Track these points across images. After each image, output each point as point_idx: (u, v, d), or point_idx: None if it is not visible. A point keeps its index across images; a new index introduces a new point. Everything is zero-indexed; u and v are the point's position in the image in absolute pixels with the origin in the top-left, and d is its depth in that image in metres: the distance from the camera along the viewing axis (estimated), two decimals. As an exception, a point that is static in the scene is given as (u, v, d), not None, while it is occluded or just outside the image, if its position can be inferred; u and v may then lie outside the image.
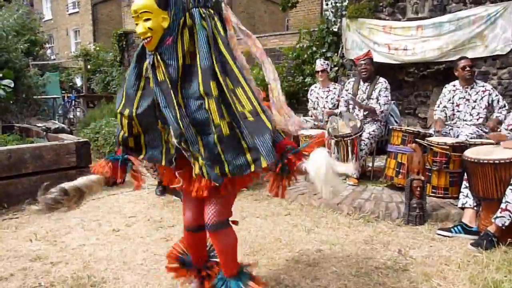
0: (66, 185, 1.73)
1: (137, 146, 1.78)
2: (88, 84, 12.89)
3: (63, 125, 6.65)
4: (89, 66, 13.18)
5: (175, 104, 1.51)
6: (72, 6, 22.95)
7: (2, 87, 5.44)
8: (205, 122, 1.51)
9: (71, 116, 10.54)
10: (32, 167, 3.88)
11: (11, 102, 7.11)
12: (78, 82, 13.09)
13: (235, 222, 1.87)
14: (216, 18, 1.56)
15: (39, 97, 9.32)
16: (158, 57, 1.51)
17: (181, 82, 1.54)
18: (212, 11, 1.56)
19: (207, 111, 1.50)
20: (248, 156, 1.52)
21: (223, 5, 1.63)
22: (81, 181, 1.82)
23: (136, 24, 1.50)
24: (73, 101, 10.84)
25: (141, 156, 1.78)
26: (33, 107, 8.95)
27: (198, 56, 1.50)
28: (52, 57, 18.34)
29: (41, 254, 2.67)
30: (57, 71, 13.07)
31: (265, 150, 1.48)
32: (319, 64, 5.11)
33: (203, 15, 1.52)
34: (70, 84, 13.53)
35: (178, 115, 1.50)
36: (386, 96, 4.31)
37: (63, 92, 11.89)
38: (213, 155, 1.51)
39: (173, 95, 1.51)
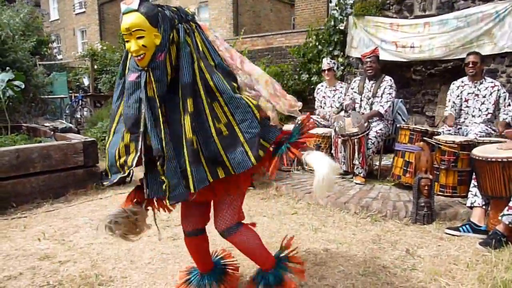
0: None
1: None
2: (95, 84, 12.95)
3: (70, 125, 6.69)
4: (96, 66, 13.24)
5: (161, 122, 1.55)
6: (79, 6, 23.10)
7: (12, 87, 5.48)
8: (180, 136, 1.56)
9: (78, 116, 10.59)
10: (40, 167, 3.91)
11: (19, 102, 7.17)
12: (85, 81, 13.14)
13: (254, 224, 1.98)
14: (196, 32, 1.62)
15: (46, 96, 9.40)
16: (151, 73, 1.53)
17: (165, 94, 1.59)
18: (193, 25, 1.63)
19: (182, 126, 1.55)
20: (206, 168, 1.58)
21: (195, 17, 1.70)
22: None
23: (127, 41, 1.52)
24: (80, 101, 10.89)
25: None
26: (40, 106, 9.03)
27: (180, 72, 1.55)
28: (59, 57, 18.45)
29: (50, 253, 2.69)
30: (64, 71, 13.13)
31: (234, 163, 1.58)
32: (326, 63, 5.08)
33: (187, 31, 1.59)
34: (77, 83, 13.60)
35: (163, 135, 1.54)
36: (389, 94, 4.28)
37: (70, 91, 11.96)
38: (183, 170, 1.56)
39: (160, 113, 1.55)
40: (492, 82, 3.89)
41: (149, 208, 1.87)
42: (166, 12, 1.55)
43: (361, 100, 4.48)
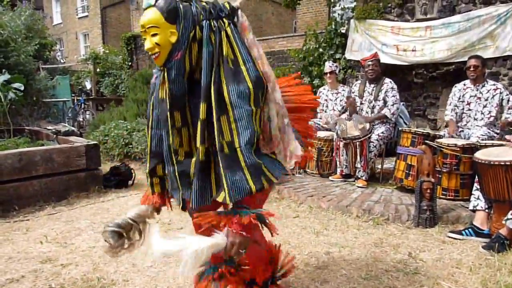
0: (119, 219, 1.70)
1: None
2: (98, 87, 13.01)
3: (73, 128, 6.72)
4: (98, 69, 13.31)
5: (170, 126, 1.47)
6: (82, 10, 23.19)
7: (13, 90, 5.50)
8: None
9: (81, 119, 10.64)
10: (42, 170, 3.92)
11: (22, 105, 7.20)
12: (88, 85, 13.21)
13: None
14: (227, 31, 1.42)
15: (49, 100, 9.44)
16: (165, 73, 1.44)
17: (189, 97, 1.47)
18: (225, 22, 1.43)
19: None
20: (213, 189, 1.46)
21: (239, 12, 1.49)
22: (132, 213, 1.73)
23: (144, 39, 1.44)
24: (82, 104, 10.94)
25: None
26: (43, 110, 9.06)
27: (202, 73, 1.42)
28: (62, 61, 18.54)
29: (52, 256, 2.69)
30: (67, 74, 13.21)
31: (231, 189, 1.35)
32: (328, 66, 5.08)
33: (214, 28, 1.41)
34: (80, 87, 13.67)
35: (171, 140, 1.49)
36: (394, 96, 4.28)
37: (72, 95, 12.02)
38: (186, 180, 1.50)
39: (168, 115, 1.46)
40: (494, 85, 3.88)
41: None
42: (192, 7, 1.41)
43: (361, 104, 4.48)
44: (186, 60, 1.42)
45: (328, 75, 5.05)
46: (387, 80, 4.38)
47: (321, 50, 7.47)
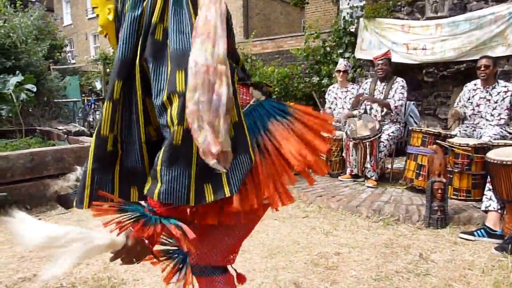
0: None
1: None
2: (107, 88, 13.10)
3: (83, 128, 6.77)
4: (108, 70, 13.39)
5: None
6: (91, 11, 23.33)
7: (25, 91, 5.56)
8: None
9: (91, 119, 10.72)
10: (53, 169, 3.95)
11: (34, 105, 7.28)
12: (98, 85, 13.30)
13: (243, 279, 1.39)
14: None
15: (59, 100, 9.55)
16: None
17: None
18: None
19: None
20: (192, 182, 0.97)
21: None
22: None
23: None
24: (92, 104, 11.02)
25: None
26: (54, 110, 9.16)
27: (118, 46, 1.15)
28: (72, 61, 18.72)
29: (63, 255, 2.71)
30: (77, 75, 13.33)
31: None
32: (343, 64, 5.06)
33: None
34: (90, 87, 13.78)
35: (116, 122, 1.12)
36: (401, 93, 4.26)
37: (83, 95, 12.12)
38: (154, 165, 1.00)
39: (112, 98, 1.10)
40: (505, 87, 3.81)
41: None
42: None
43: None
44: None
45: (341, 73, 5.03)
46: (399, 79, 4.35)
47: (328, 49, 7.43)
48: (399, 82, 4.31)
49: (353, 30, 7.00)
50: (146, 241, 1.03)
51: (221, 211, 1.09)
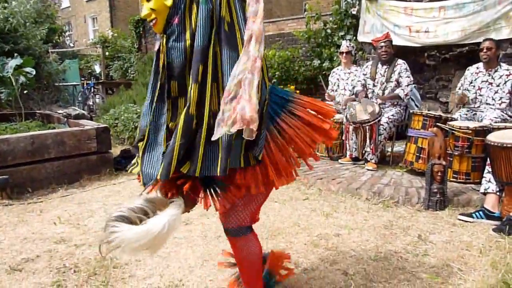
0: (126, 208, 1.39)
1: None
2: (107, 71, 13.02)
3: (83, 112, 6.76)
4: (107, 53, 13.29)
5: (166, 97, 1.35)
6: (89, -7, 23.06)
7: (24, 73, 5.53)
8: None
9: (91, 103, 10.70)
10: (54, 153, 3.97)
11: (33, 89, 7.26)
12: (97, 69, 13.23)
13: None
14: None
15: (59, 84, 9.51)
16: (164, 40, 1.32)
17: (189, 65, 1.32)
18: None
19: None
20: (200, 158, 1.27)
21: None
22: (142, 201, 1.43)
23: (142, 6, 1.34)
24: (92, 88, 10.99)
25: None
26: (53, 94, 9.13)
27: (196, 34, 1.28)
28: (71, 45, 18.57)
29: (65, 237, 2.74)
30: (76, 58, 13.24)
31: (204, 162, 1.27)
32: (345, 45, 5.02)
33: None
34: (89, 71, 13.71)
35: (151, 115, 1.37)
36: (408, 77, 4.23)
37: (82, 79, 12.06)
38: (170, 147, 1.28)
39: (166, 85, 1.34)
40: (507, 70, 3.78)
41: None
42: None
43: (374, 86, 4.43)
44: (186, 24, 1.30)
45: (344, 55, 5.00)
46: (400, 61, 4.32)
47: (329, 31, 7.35)
48: (401, 65, 4.28)
49: (354, 12, 6.91)
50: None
51: (259, 182, 1.41)
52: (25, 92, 6.40)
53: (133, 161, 1.51)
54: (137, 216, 1.35)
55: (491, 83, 3.82)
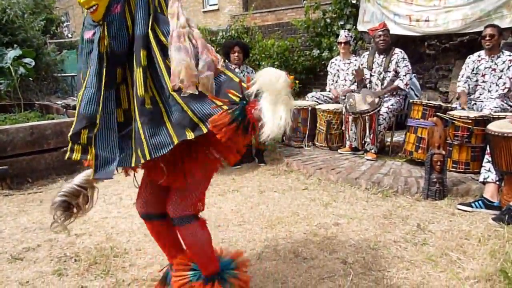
0: (65, 187, 1.64)
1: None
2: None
3: (82, 102, 6.74)
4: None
5: (113, 84, 1.39)
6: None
7: (23, 64, 5.51)
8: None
9: (89, 93, 10.66)
10: (53, 143, 3.96)
11: (32, 79, 7.24)
12: (95, 59, 13.15)
13: (204, 222, 1.68)
14: None
15: (58, 75, 9.47)
16: (105, 28, 1.34)
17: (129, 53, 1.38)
18: None
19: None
20: (171, 131, 1.33)
21: None
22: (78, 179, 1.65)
23: None
24: (90, 79, 10.93)
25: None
26: (52, 84, 9.10)
27: (135, 22, 1.35)
28: (69, 35, 18.42)
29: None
30: (74, 49, 13.16)
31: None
32: (344, 35, 4.98)
33: None
34: (87, 62, 13.62)
35: (101, 99, 1.37)
36: (406, 66, 4.21)
37: (80, 69, 11.99)
38: (137, 135, 1.36)
39: (103, 75, 1.36)
40: (510, 56, 3.78)
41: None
42: None
43: (371, 76, 4.42)
44: (127, 12, 1.35)
45: (343, 45, 4.96)
46: (397, 50, 4.29)
47: (329, 20, 7.30)
48: (399, 54, 4.25)
49: (354, 1, 6.86)
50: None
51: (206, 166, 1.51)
52: (23, 83, 6.38)
53: (69, 147, 1.55)
54: (78, 190, 1.65)
55: (494, 69, 3.81)
